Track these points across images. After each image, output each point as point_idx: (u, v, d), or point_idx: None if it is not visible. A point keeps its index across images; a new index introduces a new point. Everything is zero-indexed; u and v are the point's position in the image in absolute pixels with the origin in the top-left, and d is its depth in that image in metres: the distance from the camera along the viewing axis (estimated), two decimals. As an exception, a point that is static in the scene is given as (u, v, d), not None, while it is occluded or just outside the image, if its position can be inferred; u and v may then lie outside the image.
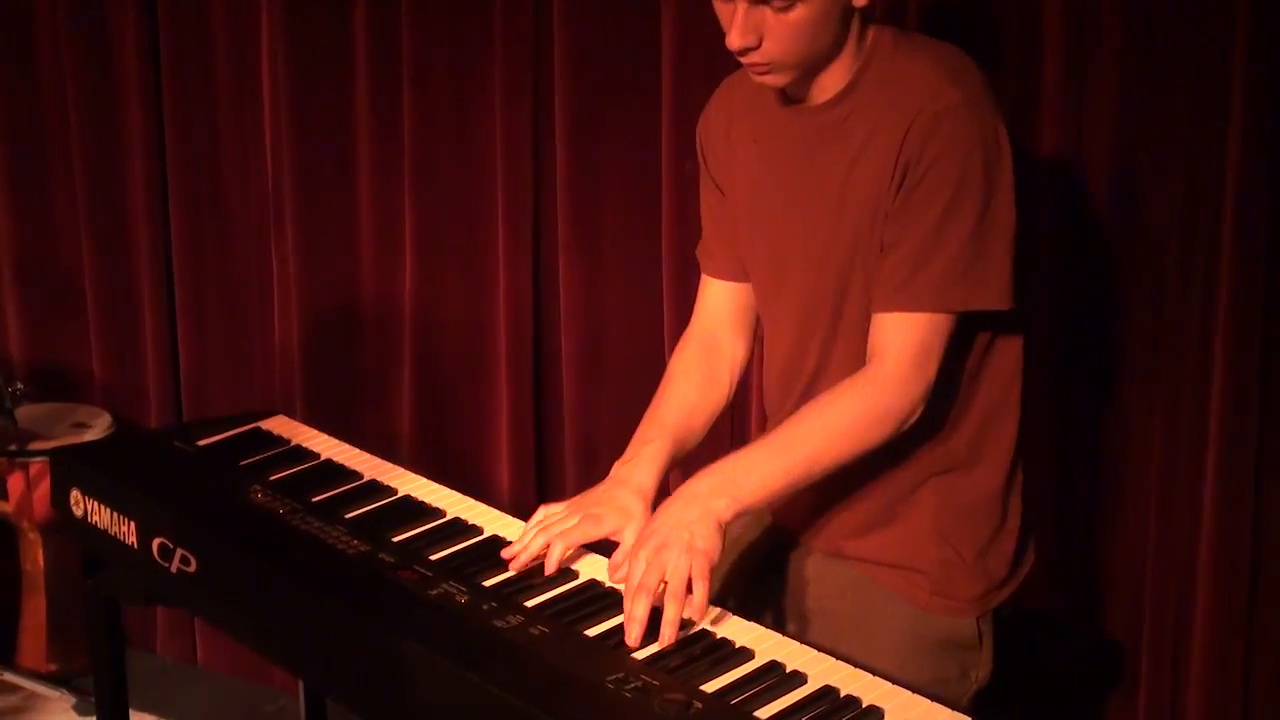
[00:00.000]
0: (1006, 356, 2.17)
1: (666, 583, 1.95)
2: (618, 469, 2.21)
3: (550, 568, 2.08)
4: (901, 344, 2.05)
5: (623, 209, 3.05)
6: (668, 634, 1.92)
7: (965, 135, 2.02)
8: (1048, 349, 2.56)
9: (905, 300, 2.05)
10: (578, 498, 2.18)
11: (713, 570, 1.98)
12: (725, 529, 2.02)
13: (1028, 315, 2.20)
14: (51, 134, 3.69)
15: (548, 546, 2.09)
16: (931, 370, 2.06)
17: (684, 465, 2.29)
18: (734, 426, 2.84)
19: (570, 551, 2.10)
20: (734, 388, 2.36)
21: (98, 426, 3.58)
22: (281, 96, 3.30)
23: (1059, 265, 2.61)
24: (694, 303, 2.39)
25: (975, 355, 2.15)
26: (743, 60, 2.06)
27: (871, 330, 2.08)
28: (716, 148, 2.31)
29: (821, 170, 2.13)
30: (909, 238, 2.04)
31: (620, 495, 2.15)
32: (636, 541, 2.02)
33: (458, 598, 2.01)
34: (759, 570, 2.30)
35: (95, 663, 2.63)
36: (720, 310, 2.36)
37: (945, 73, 2.06)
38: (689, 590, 1.94)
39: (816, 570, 2.25)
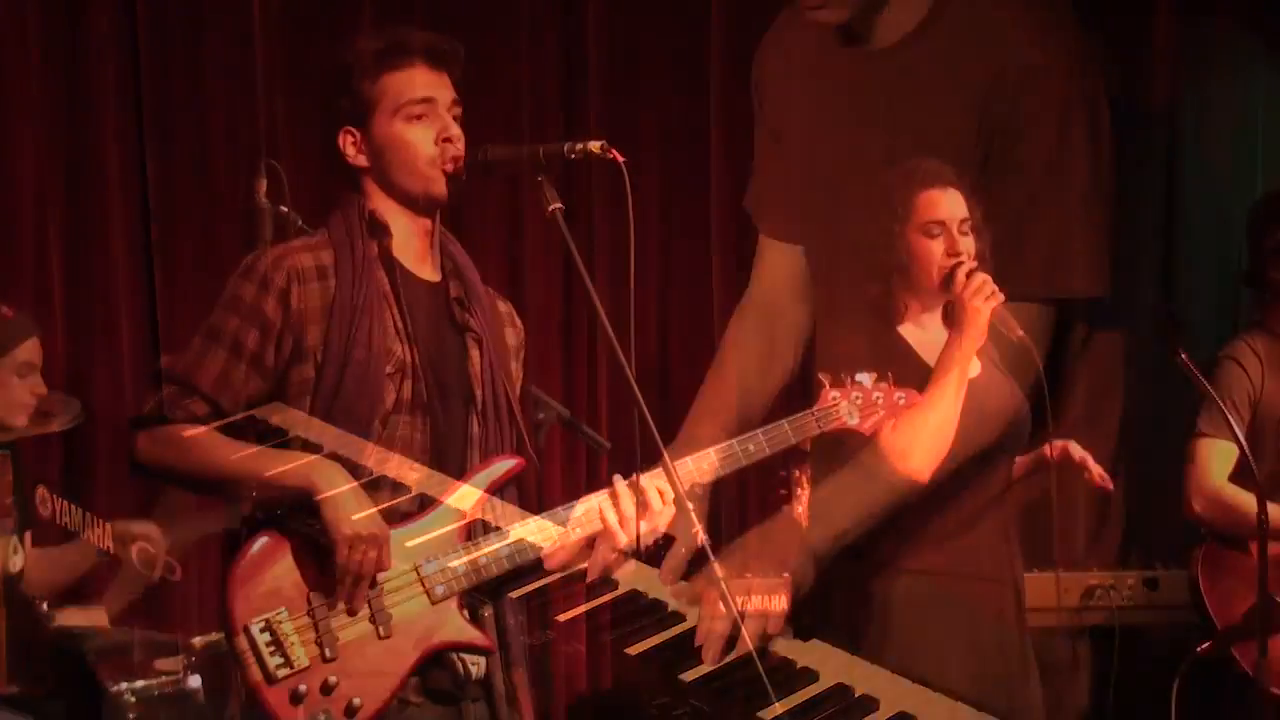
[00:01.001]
0: (1107, 342, 2.17)
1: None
2: (669, 454, 2.21)
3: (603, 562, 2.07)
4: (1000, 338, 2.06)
5: (666, 167, 3.05)
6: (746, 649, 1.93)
7: (1061, 99, 2.00)
8: (1156, 332, 2.56)
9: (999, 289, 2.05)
10: (633, 478, 2.18)
11: (796, 590, 1.99)
12: (816, 557, 2.02)
13: (1132, 298, 2.19)
14: (15, 93, 3.70)
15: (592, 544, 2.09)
16: (1034, 362, 2.07)
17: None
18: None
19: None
20: (799, 359, 2.35)
21: (65, 415, 3.59)
22: (275, 62, 3.31)
23: (1168, 243, 2.60)
24: (747, 276, 2.40)
25: (1074, 340, 2.15)
26: None
27: None
28: (772, 89, 2.30)
29: (888, 121, 2.13)
30: (1000, 218, 2.04)
31: (671, 489, 2.16)
32: (723, 556, 2.02)
33: (481, 610, 2.02)
34: (823, 586, 2.31)
35: (62, 686, 2.65)
36: (781, 275, 2.35)
37: (1037, 21, 2.05)
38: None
39: (888, 584, 2.25)
